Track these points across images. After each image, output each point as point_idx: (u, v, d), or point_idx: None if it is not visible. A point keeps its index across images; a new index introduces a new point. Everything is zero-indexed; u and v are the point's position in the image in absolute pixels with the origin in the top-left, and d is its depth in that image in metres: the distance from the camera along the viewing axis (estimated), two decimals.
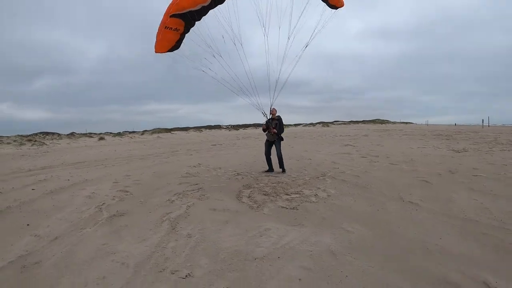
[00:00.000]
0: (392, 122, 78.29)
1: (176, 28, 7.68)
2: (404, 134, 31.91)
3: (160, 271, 3.59)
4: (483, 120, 55.06)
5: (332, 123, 66.81)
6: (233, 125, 48.36)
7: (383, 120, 77.86)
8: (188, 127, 44.72)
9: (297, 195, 7.02)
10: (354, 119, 74.84)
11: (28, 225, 5.37)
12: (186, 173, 10.12)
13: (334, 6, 9.12)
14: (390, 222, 5.31)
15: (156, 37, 7.80)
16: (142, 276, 3.49)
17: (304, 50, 9.32)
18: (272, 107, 9.90)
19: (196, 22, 7.87)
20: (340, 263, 3.77)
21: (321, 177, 9.08)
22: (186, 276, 3.47)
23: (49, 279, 3.49)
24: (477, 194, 7.09)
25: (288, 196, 6.92)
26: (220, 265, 3.74)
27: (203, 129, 43.86)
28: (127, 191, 7.62)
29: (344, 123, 68.83)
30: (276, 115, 10.12)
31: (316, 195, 7.06)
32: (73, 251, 4.23)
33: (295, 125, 61.63)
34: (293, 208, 6.08)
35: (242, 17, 8.30)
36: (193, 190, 7.66)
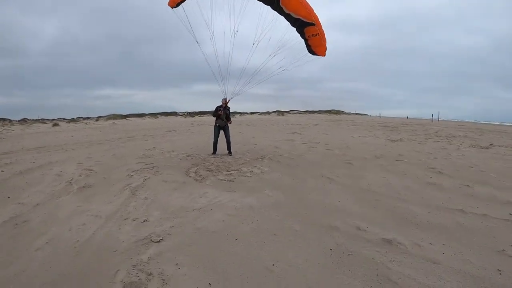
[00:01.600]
0: (347, 113, 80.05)
1: None
2: (353, 124, 33.93)
3: (125, 219, 5.10)
4: (432, 114, 58.57)
5: (288, 112, 67.71)
6: (189, 112, 48.66)
7: (338, 110, 79.41)
8: (144, 114, 44.76)
9: (236, 172, 8.62)
10: (310, 109, 76.30)
11: (9, 197, 6.44)
12: (142, 155, 11.34)
13: (314, 54, 10.18)
14: (304, 191, 7.00)
15: None
16: (112, 222, 4.99)
17: (269, 59, 10.51)
18: (224, 97, 11.43)
19: None
20: (255, 213, 5.46)
21: (260, 159, 10.70)
22: (144, 221, 5.02)
23: (40, 229, 4.82)
24: (389, 174, 8.78)
25: (228, 172, 8.50)
26: (168, 214, 5.32)
27: (159, 116, 43.99)
28: (91, 170, 8.83)
29: (300, 112, 70.05)
30: (226, 104, 11.57)
31: (251, 171, 8.71)
32: (55, 212, 5.55)
33: (251, 113, 61.60)
34: (230, 180, 7.68)
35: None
36: (149, 168, 9.03)
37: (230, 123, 11.88)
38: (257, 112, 63.20)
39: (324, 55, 10.11)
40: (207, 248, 4.15)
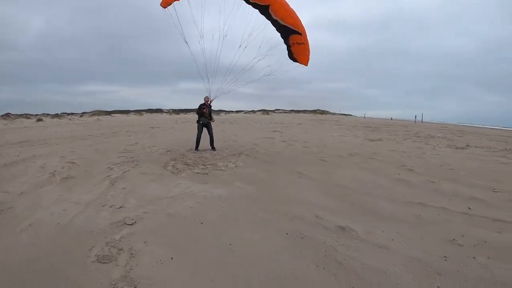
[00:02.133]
0: (332, 113, 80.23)
1: None
2: (336, 124, 34.52)
3: (103, 206, 5.60)
4: (416, 116, 59.28)
5: (273, 111, 67.71)
6: (175, 110, 48.74)
7: (324, 110, 79.52)
8: (128, 110, 44.68)
9: (212, 166, 9.13)
10: (296, 108, 76.12)
11: None
12: (124, 150, 11.75)
13: (296, 61, 10.66)
14: (274, 184, 7.55)
15: None
16: (91, 208, 5.49)
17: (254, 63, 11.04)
18: (206, 95, 11.95)
19: None
20: (223, 202, 6.01)
21: (237, 155, 11.21)
22: (120, 207, 5.53)
23: (24, 215, 5.23)
24: (360, 170, 9.29)
25: (204, 166, 9.02)
26: (143, 202, 5.84)
27: (144, 113, 43.97)
28: (74, 163, 9.23)
29: (285, 111, 70.11)
30: (209, 102, 12.11)
31: (226, 166, 9.23)
32: (38, 200, 5.97)
33: (237, 111, 61.64)
34: (205, 174, 8.21)
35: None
36: (129, 161, 9.50)
37: (213, 121, 12.42)
38: (243, 111, 63.12)
39: (307, 65, 10.59)
40: (175, 230, 4.68)
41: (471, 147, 16.57)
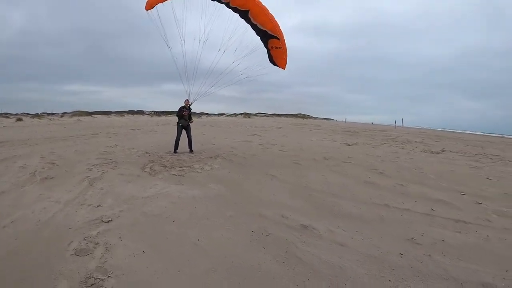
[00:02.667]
0: (314, 117, 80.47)
1: None
2: (316, 128, 35.05)
3: (82, 204, 5.92)
4: (395, 121, 59.91)
5: (255, 114, 67.62)
6: (156, 111, 48.51)
7: (305, 115, 79.56)
8: (110, 111, 44.20)
9: (188, 168, 9.49)
10: (278, 112, 75.85)
11: None
12: (104, 151, 11.92)
13: (275, 65, 11.02)
14: (246, 185, 7.94)
15: None
16: (70, 207, 5.80)
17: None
18: (186, 98, 12.28)
19: None
20: (195, 202, 6.40)
21: (214, 157, 11.54)
22: (97, 206, 5.86)
23: (6, 212, 5.47)
24: (331, 173, 9.62)
25: (180, 168, 9.36)
26: (119, 201, 6.18)
27: (125, 114, 43.49)
28: (54, 163, 9.43)
29: (267, 115, 70.00)
30: (189, 105, 12.43)
31: (202, 168, 9.60)
32: (19, 199, 6.24)
33: (219, 114, 61.25)
34: (181, 175, 8.56)
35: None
36: (108, 163, 9.75)
37: (191, 122, 12.75)
38: (225, 114, 62.97)
39: (284, 68, 10.98)
40: (148, 227, 5.04)
41: (446, 151, 17.08)
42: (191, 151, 12.38)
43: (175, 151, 12.12)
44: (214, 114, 60.02)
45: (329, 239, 4.93)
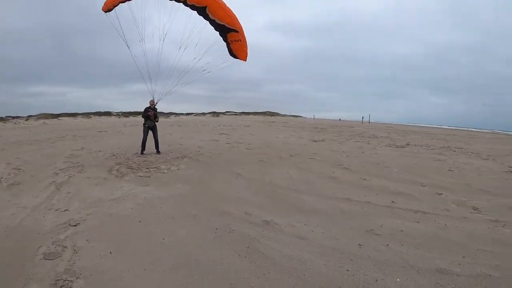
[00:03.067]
0: (283, 115, 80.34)
1: None
2: (284, 126, 34.93)
3: (49, 209, 6.02)
4: (363, 117, 61.34)
5: (223, 113, 66.98)
6: (124, 112, 47.54)
7: (273, 112, 79.33)
8: (76, 113, 42.94)
9: (155, 169, 9.61)
10: (247, 110, 75.22)
11: None
12: (70, 155, 11.77)
13: (236, 57, 11.06)
14: (212, 184, 8.17)
15: None
16: (37, 212, 5.89)
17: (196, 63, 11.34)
18: (151, 98, 12.28)
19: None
20: (161, 202, 6.61)
21: (181, 157, 11.67)
22: (65, 210, 5.98)
23: None
24: (296, 170, 9.90)
25: (147, 170, 9.49)
26: (86, 205, 6.31)
27: (92, 116, 42.41)
28: (20, 169, 9.29)
29: (235, 114, 69.53)
30: (154, 105, 12.41)
31: (169, 168, 9.76)
32: None
33: (187, 114, 60.37)
34: (147, 177, 8.69)
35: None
36: (75, 166, 9.70)
37: (157, 121, 12.71)
38: (193, 113, 62.24)
39: (246, 60, 11.08)
40: (115, 229, 5.22)
41: (411, 145, 17.73)
42: (158, 152, 12.40)
43: (142, 153, 12.10)
44: (182, 114, 59.01)
45: (291, 233, 5.15)
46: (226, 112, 69.07)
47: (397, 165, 11.17)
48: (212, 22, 10.28)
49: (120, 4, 10.16)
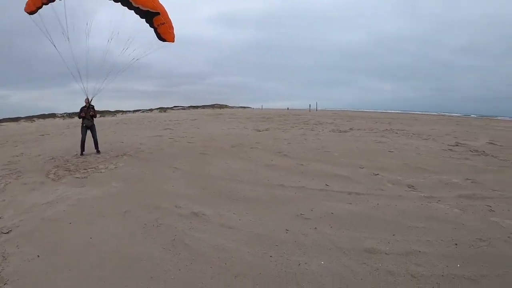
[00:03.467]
0: (231, 106, 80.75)
1: None
2: (231, 118, 34.94)
3: None
4: (310, 105, 62.83)
5: (171, 108, 66.28)
6: (69, 113, 45.83)
7: (222, 105, 79.72)
8: (19, 117, 41.17)
9: (92, 169, 9.59)
10: (195, 104, 75.22)
11: None
12: (8, 161, 11.37)
13: (165, 40, 10.99)
14: (148, 180, 8.25)
15: None
16: None
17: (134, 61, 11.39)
18: (86, 96, 12.01)
19: None
20: (94, 202, 6.72)
21: (121, 156, 11.62)
22: None
23: None
24: (236, 160, 10.03)
25: (85, 170, 9.46)
26: (20, 211, 6.32)
27: (35, 119, 40.44)
28: None
29: (183, 108, 68.98)
30: (89, 103, 12.16)
31: (106, 167, 9.77)
32: None
33: (134, 111, 58.77)
34: (84, 177, 8.68)
35: None
36: (12, 173, 9.46)
37: (95, 117, 12.47)
38: (140, 110, 60.83)
39: (173, 41, 11.04)
40: (45, 232, 5.32)
41: (354, 130, 18.36)
42: (97, 151, 12.19)
43: (81, 153, 11.90)
44: (130, 111, 57.75)
45: (218, 223, 5.27)
46: (174, 107, 68.33)
47: (338, 149, 11.53)
48: (137, 10, 10.14)
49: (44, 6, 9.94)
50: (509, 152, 11.37)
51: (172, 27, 10.83)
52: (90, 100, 12.14)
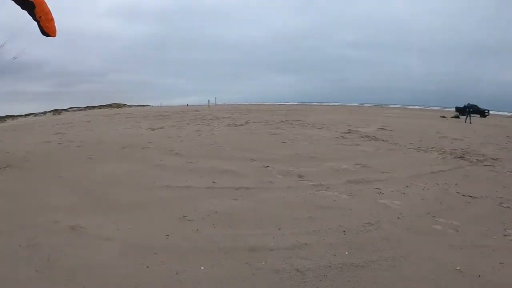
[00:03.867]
0: (129, 105, 77.79)
1: None
2: (127, 117, 33.58)
3: None
4: (209, 100, 63.63)
5: (66, 110, 61.93)
6: None
7: (120, 104, 76.52)
8: None
9: None
10: (92, 104, 71.23)
11: None
12: None
13: (47, 34, 9.99)
14: (29, 193, 7.19)
15: None
16: None
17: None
18: None
19: None
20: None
21: (3, 168, 9.75)
22: None
23: None
24: (124, 163, 9.51)
25: None
26: None
27: None
28: None
29: (80, 109, 65.09)
30: None
31: None
32: None
33: (26, 115, 54.25)
34: None
35: None
36: None
37: None
38: (33, 114, 56.47)
39: (55, 35, 10.13)
40: None
41: (250, 123, 18.79)
42: None
43: None
44: (21, 116, 52.89)
45: (95, 235, 4.79)
46: (69, 108, 64.07)
47: (230, 143, 11.59)
48: (21, 4, 9.27)
49: None
50: (398, 135, 12.21)
51: (52, 19, 9.88)
52: None
